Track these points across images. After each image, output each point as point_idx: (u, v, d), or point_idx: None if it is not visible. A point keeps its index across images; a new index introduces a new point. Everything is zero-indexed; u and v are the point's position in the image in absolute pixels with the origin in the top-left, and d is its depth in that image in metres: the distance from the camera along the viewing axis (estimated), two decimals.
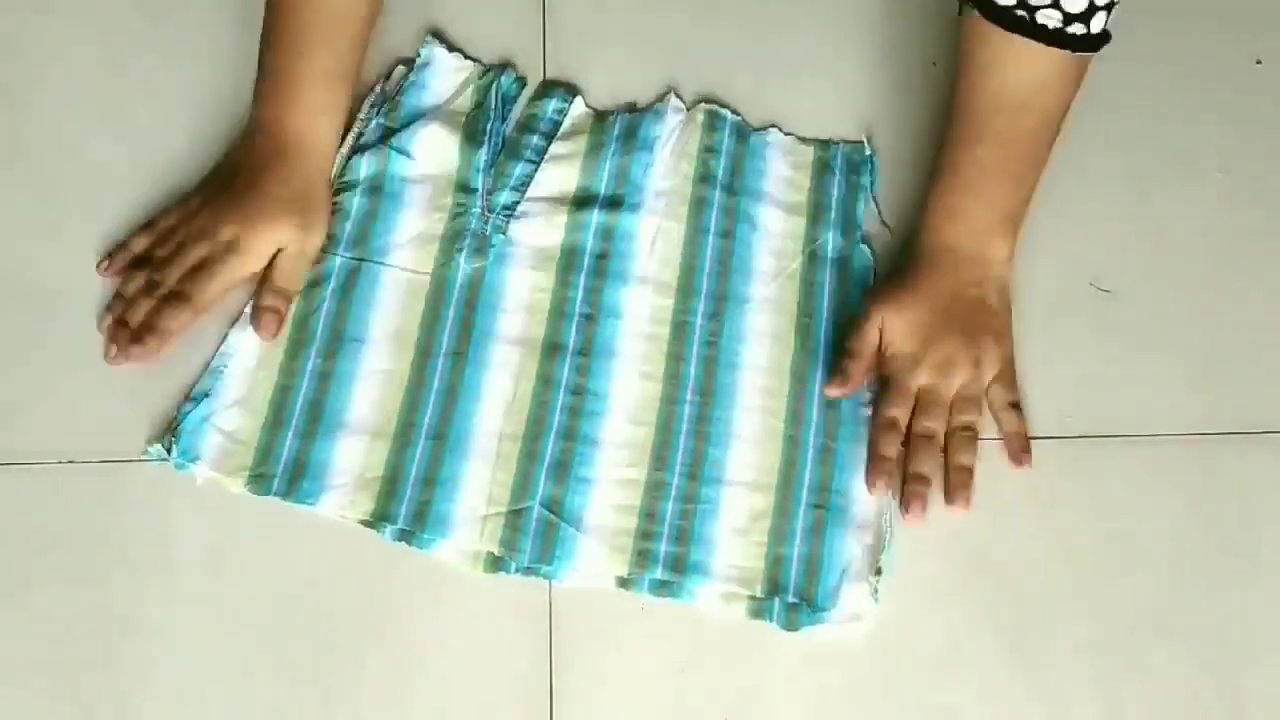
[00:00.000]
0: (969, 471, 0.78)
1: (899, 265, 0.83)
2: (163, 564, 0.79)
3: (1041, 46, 0.74)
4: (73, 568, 0.79)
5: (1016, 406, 0.80)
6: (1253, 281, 0.85)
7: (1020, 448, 0.79)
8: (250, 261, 0.83)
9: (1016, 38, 0.74)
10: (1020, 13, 0.73)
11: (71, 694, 0.77)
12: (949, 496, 0.78)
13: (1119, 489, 0.80)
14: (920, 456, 0.78)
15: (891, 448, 0.78)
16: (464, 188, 0.85)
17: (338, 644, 0.78)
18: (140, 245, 0.85)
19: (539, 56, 0.91)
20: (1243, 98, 0.89)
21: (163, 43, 0.92)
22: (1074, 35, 0.74)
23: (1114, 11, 0.74)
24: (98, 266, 0.85)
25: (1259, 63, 0.90)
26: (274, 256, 0.83)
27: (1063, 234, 0.86)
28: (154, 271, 0.83)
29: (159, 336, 0.81)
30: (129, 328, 0.82)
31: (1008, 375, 0.81)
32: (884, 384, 0.80)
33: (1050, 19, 0.73)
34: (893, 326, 0.80)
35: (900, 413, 0.79)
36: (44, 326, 0.85)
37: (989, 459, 0.80)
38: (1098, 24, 0.74)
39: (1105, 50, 0.82)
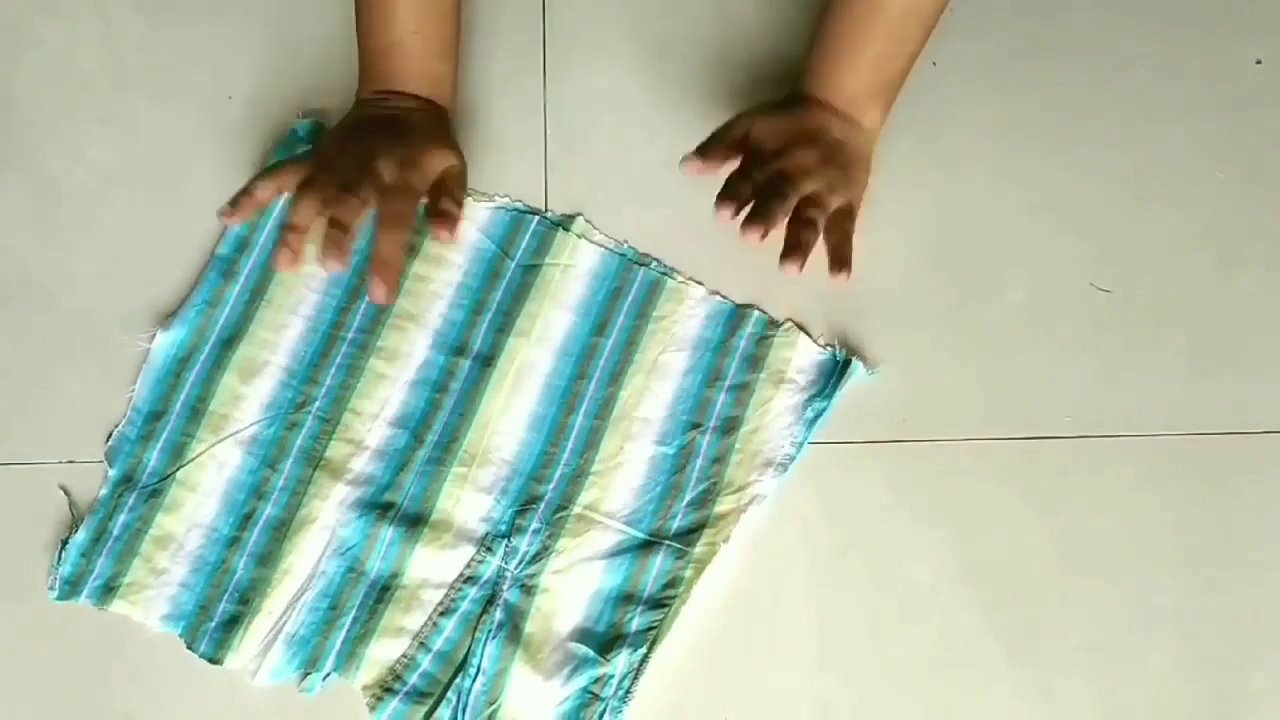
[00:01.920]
0: (806, 246, 0.78)
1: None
2: None
3: None
4: None
5: (848, 229, 0.81)
6: (1252, 281, 0.85)
7: (840, 262, 0.80)
8: (430, 173, 0.81)
9: None
10: None
11: (69, 693, 0.77)
12: (792, 253, 0.78)
13: (1119, 489, 0.80)
14: (769, 203, 0.78)
15: (745, 188, 0.78)
16: None
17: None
18: (267, 193, 0.82)
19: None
20: (1243, 98, 0.89)
21: (163, 42, 0.92)
22: None
23: None
24: (219, 214, 0.81)
25: (1259, 63, 0.90)
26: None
27: (1063, 234, 0.86)
28: (331, 196, 0.78)
29: (392, 268, 0.78)
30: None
31: (854, 215, 0.81)
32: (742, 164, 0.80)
33: None
34: (761, 128, 0.80)
35: (753, 177, 0.78)
36: (44, 327, 0.85)
37: (991, 460, 0.80)
38: None
39: (1107, 50, 0.82)
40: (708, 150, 0.80)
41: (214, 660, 0.76)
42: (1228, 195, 0.87)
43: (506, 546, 0.78)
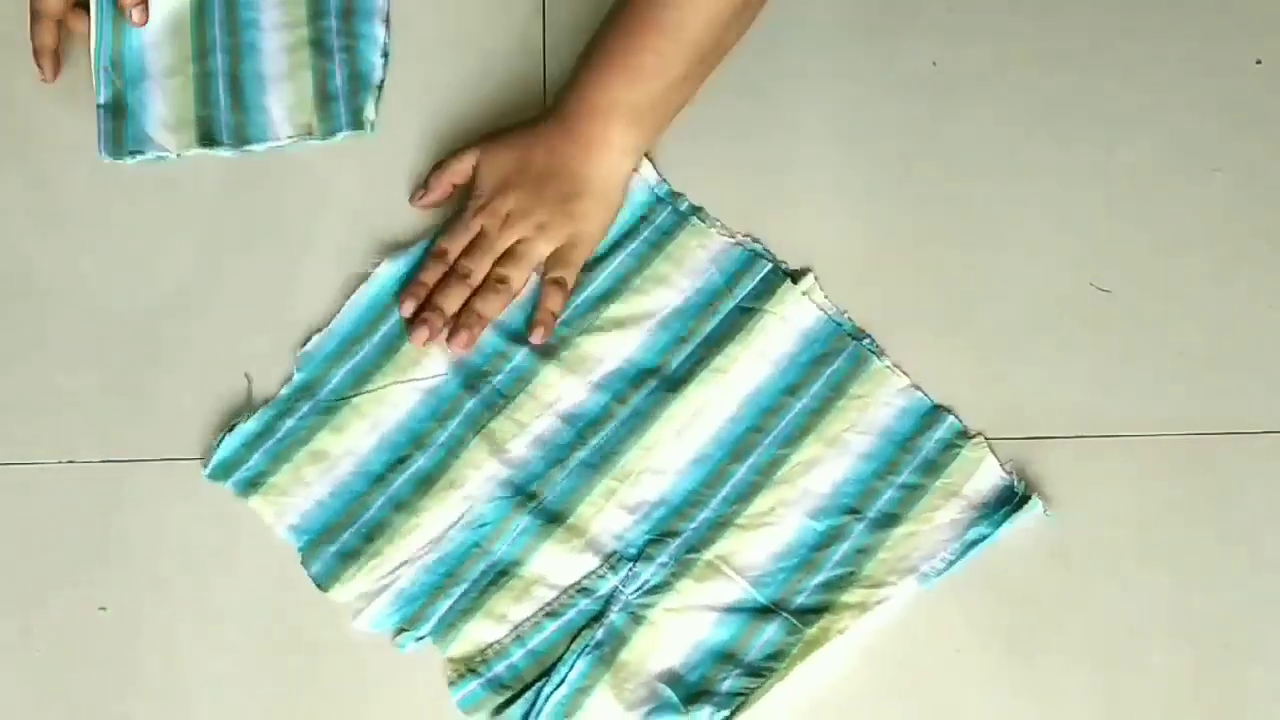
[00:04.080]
0: (480, 318, 0.83)
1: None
2: (161, 564, 0.80)
3: None
4: (72, 568, 0.80)
5: (562, 286, 0.83)
6: (1252, 281, 0.85)
7: (541, 320, 0.83)
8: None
9: None
10: None
11: (68, 693, 0.77)
12: (451, 335, 0.82)
13: (1119, 489, 0.80)
14: (446, 291, 0.83)
15: (431, 275, 0.83)
16: None
17: (334, 645, 0.78)
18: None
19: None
20: (1243, 98, 0.89)
21: None
22: None
23: None
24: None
25: (1259, 63, 0.90)
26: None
27: (1063, 234, 0.86)
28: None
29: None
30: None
31: (571, 257, 0.84)
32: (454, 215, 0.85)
33: None
34: (484, 164, 0.84)
35: (453, 245, 0.84)
36: (43, 326, 0.85)
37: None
38: None
39: (1107, 50, 0.82)
40: (429, 184, 0.86)
41: (321, 586, 0.78)
42: (1228, 195, 0.87)
43: (630, 570, 0.78)
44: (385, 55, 0.90)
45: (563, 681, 0.75)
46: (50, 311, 0.85)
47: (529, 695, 0.75)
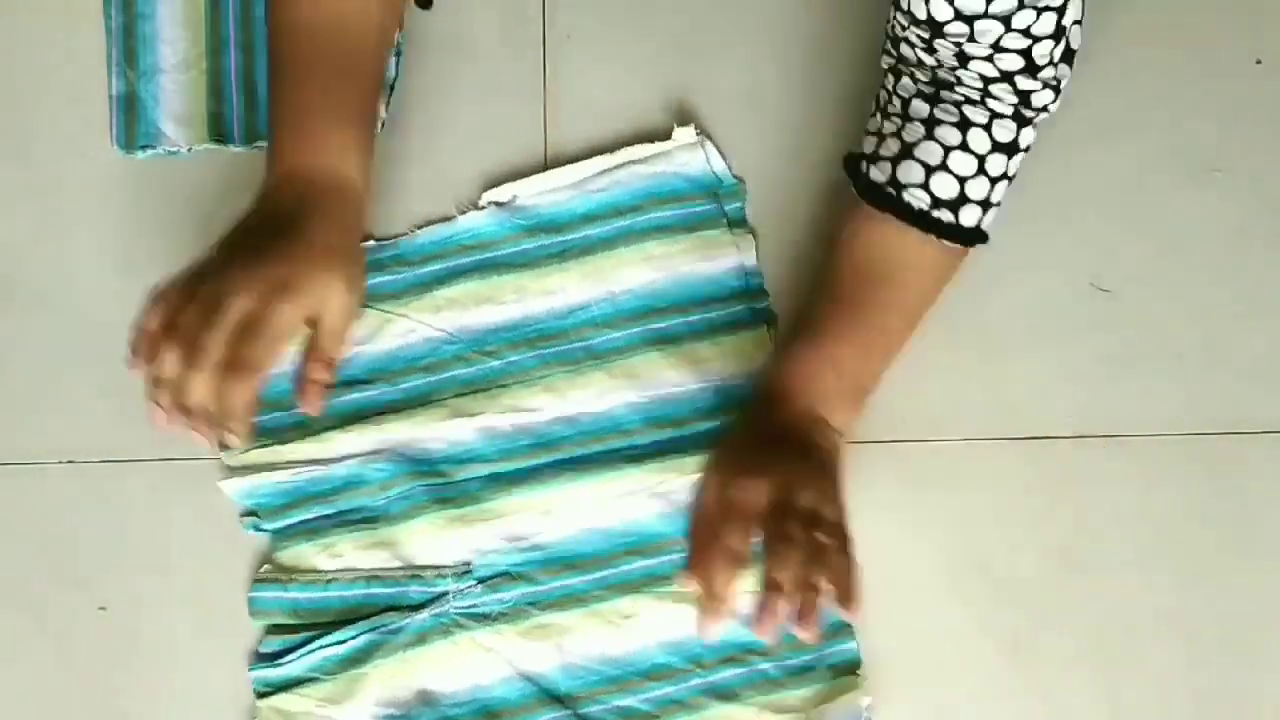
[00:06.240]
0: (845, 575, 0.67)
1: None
2: (162, 564, 0.80)
3: (908, 226, 0.74)
4: (73, 568, 0.80)
5: (848, 553, 0.69)
6: (1252, 281, 0.85)
7: (849, 598, 0.67)
8: (307, 304, 0.67)
9: (885, 214, 0.75)
10: (890, 189, 0.75)
11: (69, 693, 0.77)
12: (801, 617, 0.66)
13: (1119, 489, 0.80)
14: (778, 560, 0.67)
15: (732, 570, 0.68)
16: None
17: None
18: (156, 322, 0.67)
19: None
20: (1243, 98, 0.89)
21: None
22: (940, 221, 0.74)
23: (992, 214, 0.76)
24: (129, 364, 0.67)
25: (1259, 63, 0.90)
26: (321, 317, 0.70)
27: (1063, 234, 0.86)
28: (189, 339, 0.65)
29: (240, 420, 0.65)
30: (191, 412, 0.65)
31: (843, 523, 0.70)
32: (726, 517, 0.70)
33: (917, 200, 0.74)
34: (726, 467, 0.72)
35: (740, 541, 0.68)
36: (44, 326, 0.85)
37: (991, 460, 0.80)
38: (968, 217, 0.75)
39: (1107, 50, 0.81)
40: (694, 551, 0.70)
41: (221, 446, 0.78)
42: (1228, 195, 0.87)
43: (469, 587, 0.77)
44: (398, 54, 0.90)
45: (341, 643, 0.76)
46: (50, 311, 0.85)
47: (307, 634, 0.76)
